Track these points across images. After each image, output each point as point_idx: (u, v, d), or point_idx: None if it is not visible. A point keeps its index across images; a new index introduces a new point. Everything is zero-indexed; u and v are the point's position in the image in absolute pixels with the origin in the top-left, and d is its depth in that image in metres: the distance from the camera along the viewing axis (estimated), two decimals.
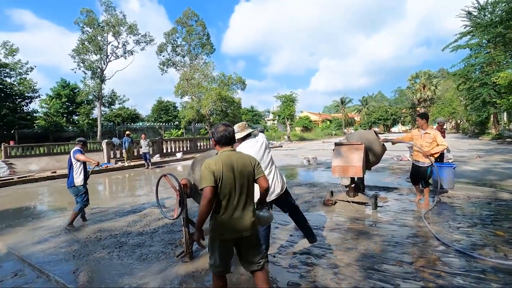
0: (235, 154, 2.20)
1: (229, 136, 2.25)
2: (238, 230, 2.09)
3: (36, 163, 14.52)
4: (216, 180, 2.03)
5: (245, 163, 2.17)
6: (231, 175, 2.08)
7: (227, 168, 2.08)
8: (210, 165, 2.08)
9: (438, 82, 50.41)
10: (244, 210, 2.12)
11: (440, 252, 3.32)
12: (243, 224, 2.10)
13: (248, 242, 2.17)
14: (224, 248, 2.14)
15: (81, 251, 3.80)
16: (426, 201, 5.29)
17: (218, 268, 2.16)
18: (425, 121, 5.15)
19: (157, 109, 44.19)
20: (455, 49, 21.67)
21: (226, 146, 2.25)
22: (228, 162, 2.10)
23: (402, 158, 12.22)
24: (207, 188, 2.01)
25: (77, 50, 25.94)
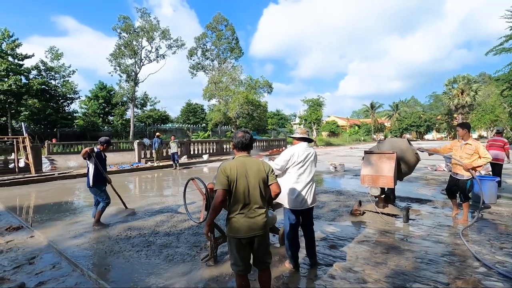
0: (250, 160, 2.37)
1: (246, 143, 2.41)
2: (251, 230, 2.25)
3: (75, 160, 15.52)
4: (229, 184, 2.24)
5: (259, 168, 2.34)
6: (245, 179, 2.27)
7: (241, 173, 2.27)
8: (225, 169, 2.27)
9: (478, 88, 47.10)
10: (256, 211, 2.28)
11: (480, 274, 3.06)
12: (256, 224, 2.26)
13: (260, 241, 2.33)
14: (241, 247, 2.31)
15: (112, 248, 3.98)
16: (465, 216, 4.92)
17: (239, 267, 2.32)
18: (467, 131, 4.82)
19: (185, 111, 45.52)
20: (499, 52, 20.14)
21: (242, 151, 2.42)
22: (242, 167, 2.29)
23: (437, 168, 11.53)
24: (219, 190, 2.23)
25: (114, 55, 27.53)
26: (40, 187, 9.56)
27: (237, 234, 2.26)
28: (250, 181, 2.27)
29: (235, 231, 2.26)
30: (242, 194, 2.25)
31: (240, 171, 2.26)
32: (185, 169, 14.11)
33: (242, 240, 2.28)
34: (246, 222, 2.25)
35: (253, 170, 2.30)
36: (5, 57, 22.19)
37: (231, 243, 2.33)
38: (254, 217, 2.27)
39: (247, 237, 2.26)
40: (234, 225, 2.26)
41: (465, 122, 5.25)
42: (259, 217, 2.28)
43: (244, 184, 2.26)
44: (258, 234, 2.28)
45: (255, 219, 2.27)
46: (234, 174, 2.25)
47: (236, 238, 2.28)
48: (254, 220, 2.26)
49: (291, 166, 3.15)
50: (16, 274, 3.32)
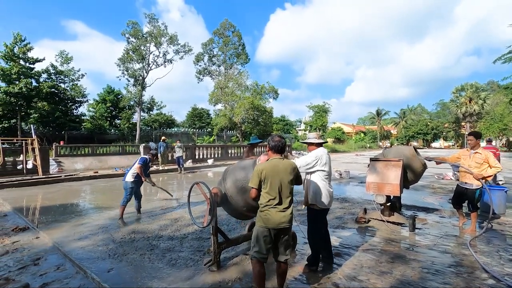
0: (282, 162, 2.72)
1: (281, 146, 2.77)
2: (280, 222, 2.59)
3: (81, 162, 15.68)
4: (260, 182, 2.64)
5: (287, 169, 2.69)
6: (277, 178, 2.63)
7: (274, 172, 2.63)
8: (260, 169, 2.65)
9: (486, 96, 46.55)
10: (285, 206, 2.64)
11: (488, 286, 2.99)
12: (285, 217, 2.61)
13: (285, 234, 2.68)
14: (269, 237, 2.62)
15: (116, 251, 3.99)
16: (473, 226, 4.83)
17: (262, 254, 2.62)
18: (478, 141, 4.78)
19: (191, 115, 45.83)
20: (508, 61, 19.92)
21: (276, 153, 2.78)
22: (275, 167, 2.65)
23: (444, 176, 11.36)
24: (252, 189, 2.70)
25: (122, 59, 27.93)
26: (47, 189, 9.66)
27: (269, 225, 2.59)
28: (283, 180, 2.64)
29: (267, 222, 2.60)
30: (275, 190, 2.62)
31: (274, 171, 2.63)
32: (190, 173, 14.15)
33: (271, 230, 2.61)
34: (277, 215, 2.60)
35: (286, 171, 2.67)
36: (17, 60, 22.68)
37: (260, 233, 2.62)
38: (284, 211, 2.63)
39: (277, 228, 2.60)
40: (267, 217, 2.60)
41: (477, 131, 5.19)
42: (288, 212, 2.65)
43: (277, 182, 2.62)
44: (286, 226, 2.63)
45: (285, 213, 2.63)
46: (267, 174, 2.61)
47: (267, 229, 2.60)
48: (284, 214, 2.62)
49: (319, 168, 3.33)
50: (21, 275, 3.34)
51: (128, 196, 5.72)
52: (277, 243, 2.70)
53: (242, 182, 3.32)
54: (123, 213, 5.65)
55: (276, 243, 2.70)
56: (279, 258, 2.73)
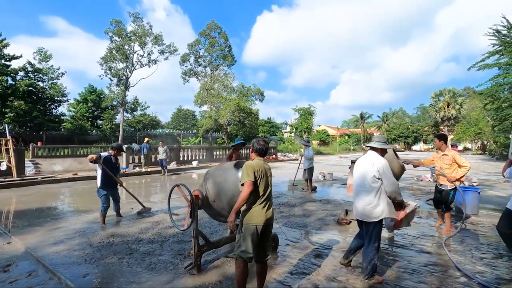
0: (265, 163, 2.83)
1: (265, 150, 2.88)
2: (267, 218, 2.69)
3: (60, 163, 15.15)
4: (255, 177, 2.65)
5: (269, 171, 2.85)
6: (265, 178, 2.75)
7: (262, 172, 2.73)
8: (252, 165, 2.69)
9: (463, 101, 48.60)
10: (269, 203, 2.77)
11: (461, 284, 3.11)
12: (269, 214, 2.73)
13: (269, 230, 2.79)
14: (256, 235, 2.65)
15: (93, 256, 3.87)
16: (447, 226, 5.01)
17: (249, 254, 2.64)
18: (443, 142, 4.96)
19: (176, 116, 45.31)
20: (482, 68, 20.89)
21: (260, 156, 2.85)
22: (262, 167, 2.76)
23: (422, 178, 11.74)
24: (249, 182, 2.61)
25: (105, 58, 27.24)
26: (22, 191, 9.26)
27: (258, 223, 2.65)
28: (268, 180, 2.80)
29: (256, 220, 2.65)
30: (263, 189, 2.72)
31: (261, 171, 2.72)
32: (173, 175, 13.95)
33: (258, 228, 2.66)
34: (264, 212, 2.69)
35: (269, 172, 2.83)
36: None
37: (248, 232, 2.65)
38: (269, 209, 2.76)
39: (264, 225, 2.67)
40: (255, 214, 2.67)
41: (442, 133, 5.43)
42: (271, 209, 2.79)
43: (265, 182, 2.74)
44: (270, 222, 2.77)
45: (270, 210, 2.76)
46: (259, 171, 2.68)
47: (255, 227, 2.64)
48: (269, 211, 2.74)
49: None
50: None
51: (104, 204, 5.40)
52: (260, 242, 2.73)
53: (223, 184, 3.31)
54: (105, 221, 5.43)
55: (261, 241, 2.73)
56: (261, 258, 2.76)
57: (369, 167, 3.11)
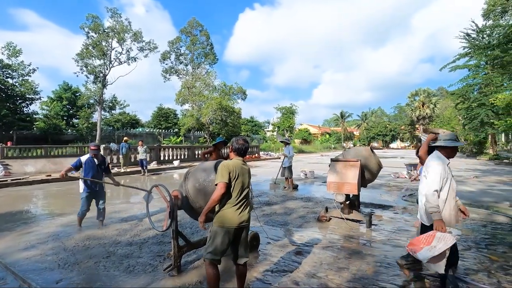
0: (243, 164, 2.75)
1: (244, 150, 2.78)
2: (240, 221, 2.59)
3: (33, 164, 14.41)
4: (230, 178, 2.56)
5: (248, 172, 2.78)
6: (242, 177, 2.65)
7: (239, 172, 2.64)
8: (228, 166, 2.60)
9: (437, 101, 50.89)
10: (245, 205, 2.67)
11: (432, 276, 3.25)
12: (243, 216, 2.62)
13: (245, 234, 2.70)
14: (227, 238, 2.57)
15: (67, 260, 3.71)
16: None
17: (216, 257, 2.57)
18: None
19: (157, 115, 44.30)
20: (454, 69, 21.96)
21: (239, 156, 2.77)
22: (240, 168, 2.67)
23: (399, 175, 12.19)
24: (221, 184, 2.53)
25: (81, 55, 26.17)
26: None
27: (229, 225, 2.55)
28: (245, 181, 2.69)
29: (228, 222, 2.56)
30: (239, 190, 2.62)
31: (239, 171, 2.63)
32: (154, 175, 13.66)
33: (231, 230, 2.57)
34: (238, 214, 2.59)
35: (247, 173, 2.75)
36: None
37: (219, 233, 2.57)
38: (244, 210, 2.65)
39: (237, 228, 2.59)
40: (228, 216, 2.57)
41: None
42: (246, 211, 2.67)
43: (241, 182, 2.64)
44: (245, 225, 2.66)
45: (245, 211, 2.65)
46: (234, 172, 2.59)
47: (226, 229, 2.56)
48: (244, 213, 2.64)
49: (445, 182, 2.65)
50: None
51: (83, 208, 4.98)
52: (237, 244, 2.68)
53: (203, 184, 3.28)
54: (80, 223, 5.13)
55: (236, 244, 2.68)
56: (239, 261, 2.70)
57: None
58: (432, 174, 2.63)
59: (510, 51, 9.34)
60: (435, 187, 2.59)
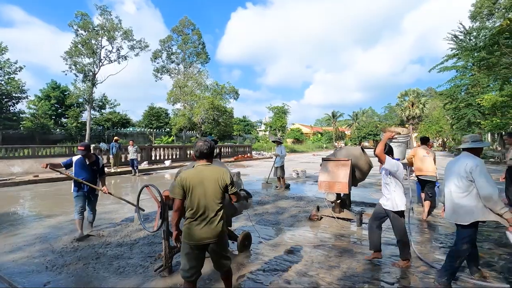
0: (209, 168, 2.38)
1: (204, 152, 2.41)
2: (201, 238, 2.28)
3: (19, 165, 14.06)
4: (184, 193, 2.31)
5: (218, 177, 2.34)
6: (202, 187, 2.30)
7: (198, 181, 2.30)
8: (181, 179, 2.32)
9: (426, 101, 51.80)
10: (211, 220, 2.30)
11: (421, 272, 3.32)
12: (207, 233, 2.28)
13: (215, 249, 2.36)
14: (192, 254, 2.33)
15: (55, 262, 3.64)
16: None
17: (186, 273, 2.35)
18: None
19: (148, 115, 43.82)
20: (442, 70, 22.40)
21: (202, 159, 2.43)
22: (199, 175, 2.32)
23: None
24: (176, 200, 2.35)
25: (69, 53, 25.68)
26: None
27: (190, 241, 2.29)
28: (207, 189, 2.30)
29: (188, 237, 2.30)
30: (197, 202, 2.29)
31: (197, 180, 2.30)
32: (145, 176, 13.51)
33: (193, 247, 2.31)
34: (199, 229, 2.28)
35: (210, 179, 2.32)
36: None
37: (183, 249, 2.36)
38: (208, 225, 2.29)
39: (199, 245, 2.30)
40: (187, 231, 2.31)
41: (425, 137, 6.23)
42: (213, 225, 2.31)
43: (200, 193, 2.29)
44: (212, 241, 2.32)
45: (209, 227, 2.29)
46: (189, 183, 2.29)
47: (188, 245, 2.31)
48: (207, 229, 2.29)
49: None
50: None
51: (76, 206, 4.60)
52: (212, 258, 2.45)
53: None
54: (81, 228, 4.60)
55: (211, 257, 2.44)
56: (218, 270, 2.55)
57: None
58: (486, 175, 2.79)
59: (495, 53, 9.59)
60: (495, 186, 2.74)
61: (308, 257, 3.78)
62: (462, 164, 2.95)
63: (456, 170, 3.00)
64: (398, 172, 3.39)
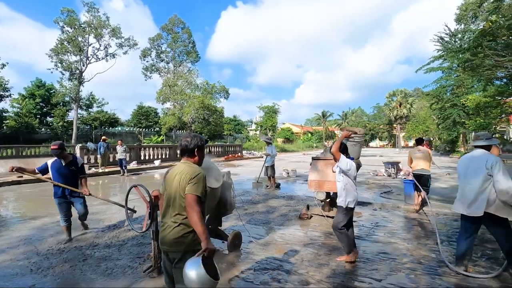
0: (181, 167, 2.07)
1: (181, 148, 2.14)
2: (162, 243, 2.04)
3: (2, 165, 13.62)
4: (164, 189, 2.13)
5: (180, 177, 1.99)
6: (169, 187, 2.04)
7: (169, 179, 2.08)
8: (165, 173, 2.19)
9: (413, 101, 52.89)
10: (168, 223, 2.01)
11: (408, 269, 3.40)
12: (164, 237, 2.01)
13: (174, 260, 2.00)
14: (166, 260, 2.09)
15: (41, 265, 3.56)
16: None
17: (165, 281, 2.18)
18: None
19: (137, 114, 43.24)
20: (429, 71, 22.92)
21: (182, 156, 2.17)
22: (171, 173, 2.09)
23: (378, 173, 12.57)
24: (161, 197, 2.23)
25: (55, 50, 25.06)
26: None
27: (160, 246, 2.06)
28: (170, 190, 2.03)
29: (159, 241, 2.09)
30: (165, 203, 2.08)
31: (168, 178, 2.09)
32: (134, 176, 13.32)
33: (163, 252, 2.09)
34: (161, 233, 2.04)
35: (178, 180, 1.99)
36: None
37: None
38: (166, 230, 2.00)
39: (163, 251, 2.07)
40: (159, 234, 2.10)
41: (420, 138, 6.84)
42: (167, 231, 1.98)
43: (167, 193, 2.06)
44: (166, 250, 2.03)
45: (166, 231, 1.99)
46: (164, 182, 2.13)
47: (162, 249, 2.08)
48: (164, 233, 2.00)
49: None
50: None
51: (60, 214, 4.36)
52: None
53: None
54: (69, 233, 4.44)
55: None
56: None
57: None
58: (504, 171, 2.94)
59: (479, 54, 9.88)
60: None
61: (298, 255, 3.81)
62: (481, 160, 3.08)
63: (475, 166, 3.13)
64: (350, 171, 3.49)
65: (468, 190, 3.14)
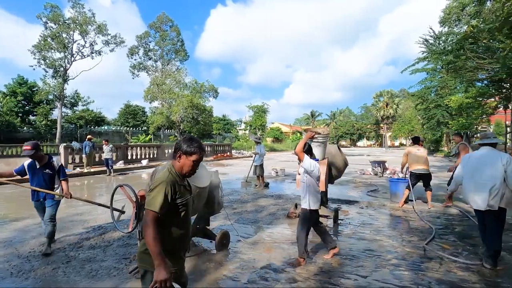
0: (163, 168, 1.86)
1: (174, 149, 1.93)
2: None
3: None
4: None
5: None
6: None
7: None
8: None
9: (399, 102, 54.07)
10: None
11: (392, 265, 3.48)
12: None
13: None
14: None
15: (22, 268, 3.45)
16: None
17: None
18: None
19: (124, 112, 42.45)
20: (414, 72, 23.48)
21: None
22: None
23: (365, 172, 12.79)
24: None
25: (38, 46, 24.31)
26: None
27: None
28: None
29: None
30: None
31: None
32: (120, 175, 13.08)
33: None
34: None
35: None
36: None
37: None
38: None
39: None
40: None
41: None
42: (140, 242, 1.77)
43: None
44: None
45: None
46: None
47: None
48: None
49: None
50: None
51: (40, 218, 4.17)
52: None
53: None
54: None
55: None
56: None
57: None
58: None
59: (461, 57, 10.18)
60: None
61: (286, 253, 3.84)
62: (495, 157, 3.32)
63: (490, 162, 3.33)
64: (313, 172, 3.50)
65: (481, 186, 3.31)
